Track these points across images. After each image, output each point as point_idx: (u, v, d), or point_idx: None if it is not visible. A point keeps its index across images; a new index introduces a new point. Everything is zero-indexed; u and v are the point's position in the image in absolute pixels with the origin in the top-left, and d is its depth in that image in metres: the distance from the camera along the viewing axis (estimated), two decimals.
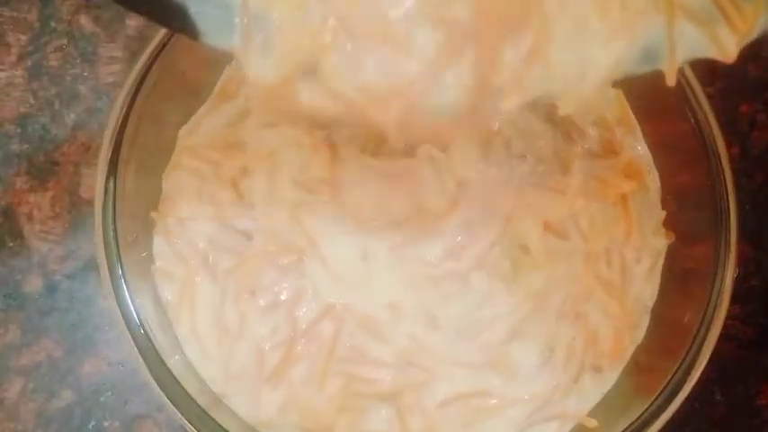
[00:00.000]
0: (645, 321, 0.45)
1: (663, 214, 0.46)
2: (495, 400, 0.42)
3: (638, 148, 0.47)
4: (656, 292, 0.45)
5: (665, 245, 0.45)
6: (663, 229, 0.46)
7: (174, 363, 0.41)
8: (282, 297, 0.43)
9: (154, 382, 0.38)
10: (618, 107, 0.47)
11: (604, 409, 0.43)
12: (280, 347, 0.42)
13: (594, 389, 0.44)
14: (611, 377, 0.44)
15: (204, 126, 0.46)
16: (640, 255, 0.45)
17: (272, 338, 0.42)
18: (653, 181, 0.47)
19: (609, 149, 0.46)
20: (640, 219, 0.45)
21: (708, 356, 0.40)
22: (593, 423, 0.42)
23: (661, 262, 0.45)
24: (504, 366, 0.42)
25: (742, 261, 0.42)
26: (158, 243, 0.44)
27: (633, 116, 0.47)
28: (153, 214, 0.44)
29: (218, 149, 0.45)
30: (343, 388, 0.42)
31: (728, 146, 0.43)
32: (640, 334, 0.45)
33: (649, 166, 0.47)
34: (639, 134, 0.47)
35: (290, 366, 0.42)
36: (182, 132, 0.46)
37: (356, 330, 0.42)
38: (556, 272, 0.43)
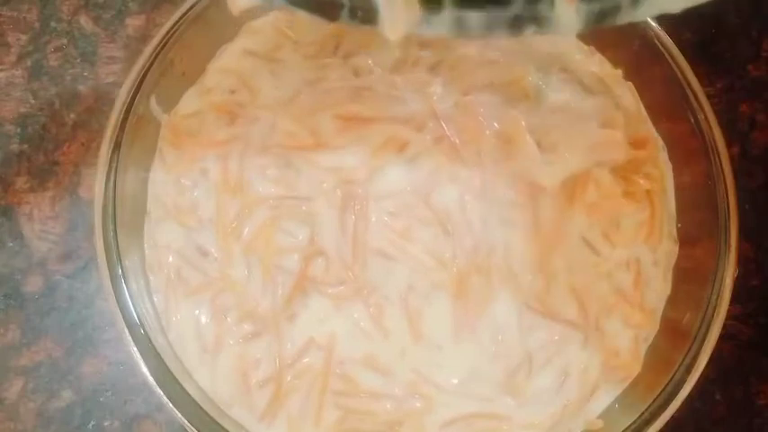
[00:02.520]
0: (656, 325, 0.44)
1: (675, 217, 0.45)
2: (501, 424, 0.42)
3: (659, 144, 0.46)
4: (667, 295, 0.45)
5: (675, 249, 0.45)
6: (675, 233, 0.45)
7: (173, 363, 0.41)
8: (256, 327, 0.42)
9: (154, 382, 0.38)
10: (632, 100, 0.47)
11: (605, 408, 0.43)
12: (268, 384, 0.41)
13: (605, 399, 0.43)
14: (622, 385, 0.43)
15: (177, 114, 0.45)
16: (656, 257, 0.44)
17: (257, 372, 0.41)
18: (669, 182, 0.46)
19: (633, 141, 0.45)
20: (661, 219, 0.45)
21: (708, 356, 0.40)
22: (598, 424, 0.42)
23: (672, 264, 0.45)
24: (514, 394, 0.42)
25: (742, 261, 0.42)
26: (147, 245, 0.44)
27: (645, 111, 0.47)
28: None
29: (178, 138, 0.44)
30: (339, 422, 0.41)
31: (728, 146, 0.43)
32: (650, 338, 0.44)
33: (667, 165, 0.46)
34: (655, 131, 0.46)
35: (280, 404, 0.41)
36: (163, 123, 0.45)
37: (347, 361, 0.41)
38: (580, 288, 0.43)
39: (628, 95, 0.46)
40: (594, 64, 0.46)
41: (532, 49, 0.46)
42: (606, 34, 0.46)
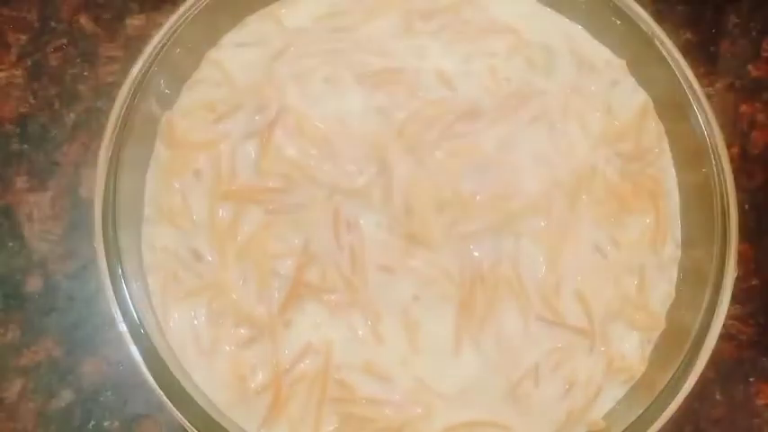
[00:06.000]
0: (661, 327, 0.44)
1: (678, 220, 0.45)
2: None
3: (663, 148, 0.46)
4: (672, 297, 0.44)
5: (678, 252, 0.45)
6: (678, 236, 0.45)
7: (173, 363, 0.41)
8: (252, 332, 0.41)
9: (154, 382, 0.38)
10: (640, 100, 0.47)
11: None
12: (266, 391, 0.41)
13: (608, 401, 0.43)
14: (625, 387, 0.43)
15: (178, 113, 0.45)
16: (660, 259, 0.44)
17: (254, 378, 0.41)
18: (673, 184, 0.46)
19: (637, 146, 0.46)
20: (666, 221, 0.45)
21: (708, 356, 0.40)
22: (601, 425, 0.42)
23: (676, 267, 0.45)
24: (518, 403, 0.41)
25: (742, 261, 0.42)
26: (144, 246, 0.43)
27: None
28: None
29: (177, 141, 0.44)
30: (338, 429, 0.41)
31: (728, 146, 0.43)
32: (653, 340, 0.44)
33: (670, 169, 0.46)
34: (665, 138, 0.46)
35: (279, 412, 0.41)
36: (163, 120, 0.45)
37: (345, 367, 0.41)
38: (587, 293, 0.42)
39: (636, 87, 0.47)
40: (602, 52, 0.47)
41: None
42: (606, 34, 0.46)
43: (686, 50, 0.44)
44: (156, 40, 0.42)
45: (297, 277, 0.41)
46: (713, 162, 0.43)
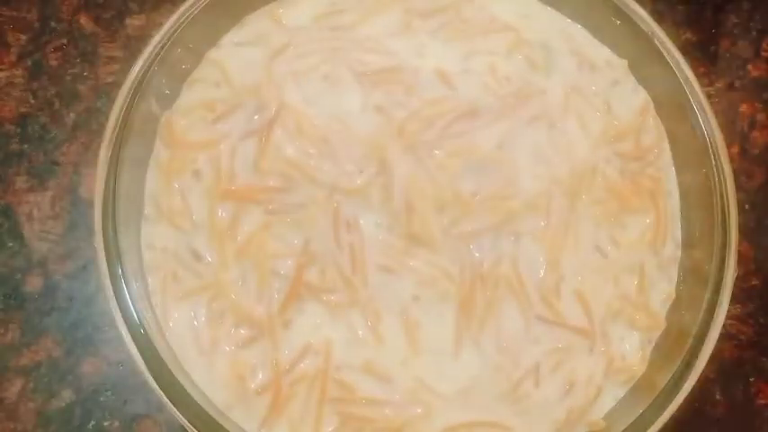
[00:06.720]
0: (661, 327, 0.44)
1: (679, 220, 0.45)
2: None
3: (663, 148, 0.46)
4: (672, 298, 0.44)
5: (678, 252, 0.45)
6: (678, 236, 0.45)
7: (173, 363, 0.41)
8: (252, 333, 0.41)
9: (154, 382, 0.38)
10: (640, 99, 0.47)
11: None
12: (266, 391, 0.40)
13: (609, 401, 0.43)
14: (625, 387, 0.43)
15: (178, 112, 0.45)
16: (660, 260, 0.44)
17: (254, 378, 0.41)
18: (673, 184, 0.46)
19: (637, 146, 0.45)
20: (666, 221, 0.45)
21: (708, 356, 0.40)
22: (601, 425, 0.42)
23: (677, 267, 0.45)
24: (518, 403, 0.41)
25: (742, 261, 0.42)
26: (144, 246, 0.43)
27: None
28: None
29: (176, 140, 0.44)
30: (338, 429, 0.40)
31: (728, 146, 0.43)
32: (654, 339, 0.44)
33: (670, 168, 0.46)
34: (665, 138, 0.46)
35: (279, 412, 0.40)
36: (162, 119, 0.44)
37: (345, 367, 0.41)
38: (586, 293, 0.42)
39: (636, 87, 0.46)
40: (602, 52, 0.47)
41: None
42: (606, 34, 0.46)
43: (686, 50, 0.44)
44: (156, 40, 0.42)
45: (297, 277, 0.41)
46: (713, 162, 0.43)
